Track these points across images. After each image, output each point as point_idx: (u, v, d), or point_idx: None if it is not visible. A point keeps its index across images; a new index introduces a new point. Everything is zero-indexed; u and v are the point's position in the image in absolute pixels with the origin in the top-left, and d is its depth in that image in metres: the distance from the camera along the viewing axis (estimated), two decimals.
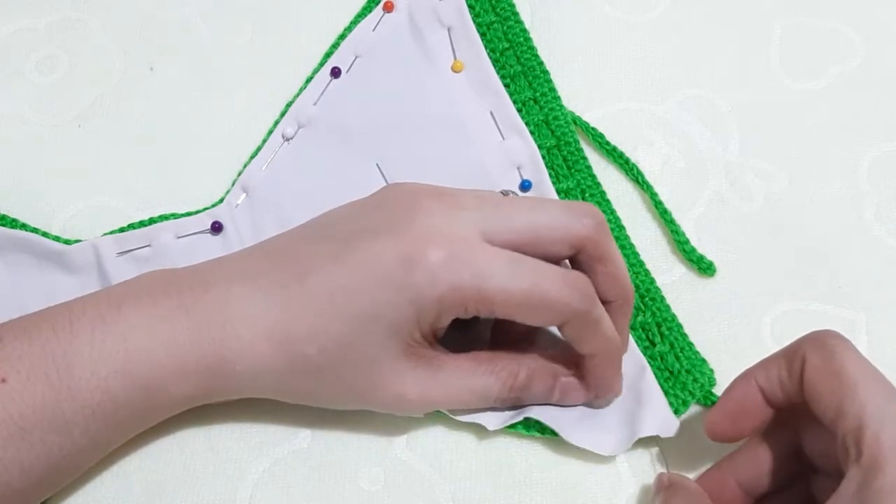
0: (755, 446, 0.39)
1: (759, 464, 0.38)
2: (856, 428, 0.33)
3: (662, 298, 0.45)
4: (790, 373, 0.36)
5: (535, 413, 0.41)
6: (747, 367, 0.38)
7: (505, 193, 0.41)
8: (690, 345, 0.44)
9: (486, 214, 0.38)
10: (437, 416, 0.42)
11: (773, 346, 0.44)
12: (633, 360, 0.43)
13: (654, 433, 0.41)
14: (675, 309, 0.45)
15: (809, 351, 0.36)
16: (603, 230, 0.40)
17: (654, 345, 0.44)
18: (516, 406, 0.42)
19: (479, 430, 0.42)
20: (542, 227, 0.39)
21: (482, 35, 0.52)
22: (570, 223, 0.39)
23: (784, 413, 0.38)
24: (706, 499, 0.37)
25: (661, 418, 0.41)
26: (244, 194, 0.49)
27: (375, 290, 0.37)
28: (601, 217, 0.40)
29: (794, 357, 0.36)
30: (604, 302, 0.41)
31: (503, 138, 0.49)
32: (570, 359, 0.41)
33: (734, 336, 0.45)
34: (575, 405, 0.42)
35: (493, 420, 0.42)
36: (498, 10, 0.53)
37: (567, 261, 0.41)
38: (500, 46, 0.52)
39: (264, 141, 0.50)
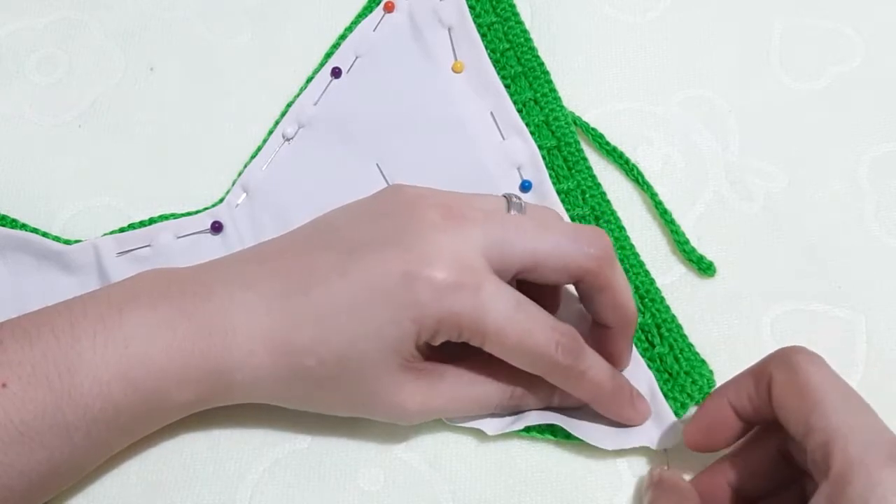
0: (746, 450, 0.39)
1: (750, 467, 0.39)
2: (823, 443, 0.33)
3: (662, 299, 0.45)
4: (758, 390, 0.37)
5: (535, 418, 0.41)
6: (719, 385, 0.39)
7: (508, 198, 0.41)
8: (690, 346, 0.44)
9: (490, 233, 0.38)
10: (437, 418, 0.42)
11: (773, 346, 0.43)
12: (640, 372, 0.43)
13: (661, 446, 0.41)
14: (674, 309, 0.45)
15: (775, 368, 0.36)
16: (605, 262, 0.39)
17: (653, 346, 0.44)
18: (516, 411, 0.42)
19: (480, 431, 0.42)
20: (543, 255, 0.38)
21: (483, 35, 0.52)
22: (572, 254, 0.39)
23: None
24: (696, 498, 0.38)
25: (662, 430, 0.41)
26: (244, 194, 0.49)
27: (379, 306, 0.37)
28: (606, 246, 0.39)
29: (761, 375, 0.37)
30: (603, 326, 0.41)
31: (503, 139, 0.49)
32: None
33: (734, 336, 0.45)
34: (575, 407, 0.42)
35: (492, 425, 0.42)
36: (498, 10, 0.53)
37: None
38: (501, 47, 0.52)
39: (264, 141, 0.50)
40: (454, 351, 0.41)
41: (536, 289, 0.41)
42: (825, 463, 0.33)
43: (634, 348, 0.44)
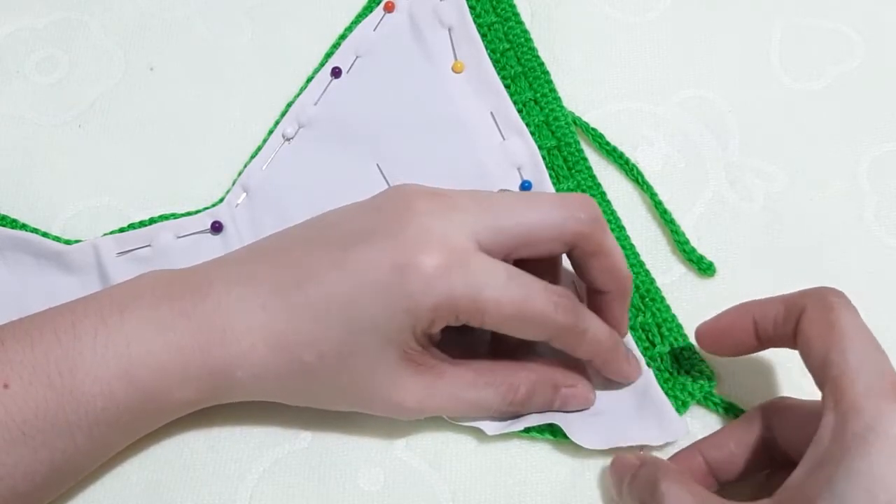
0: (728, 431, 0.40)
1: (729, 447, 0.39)
2: (836, 377, 0.34)
3: (662, 299, 0.45)
4: (786, 318, 0.38)
5: (535, 419, 0.41)
6: (748, 301, 0.40)
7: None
8: (690, 345, 0.44)
9: (479, 216, 0.38)
10: (438, 417, 0.42)
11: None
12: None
13: (660, 441, 0.41)
14: (675, 309, 0.45)
15: (810, 303, 0.37)
16: (597, 225, 0.39)
17: (653, 345, 0.44)
18: (515, 417, 0.42)
19: (480, 431, 0.42)
20: (534, 226, 0.39)
21: (483, 36, 0.52)
22: (563, 220, 0.39)
23: (760, 409, 0.40)
24: (685, 472, 0.39)
25: (659, 425, 0.41)
26: (244, 194, 0.49)
27: (371, 298, 0.37)
28: (595, 210, 0.40)
29: (794, 305, 0.38)
30: (600, 292, 0.41)
31: (503, 139, 0.49)
32: (571, 363, 0.41)
33: None
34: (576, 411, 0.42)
35: (492, 426, 0.42)
36: (499, 10, 0.53)
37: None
38: (501, 47, 0.52)
39: (264, 141, 0.50)
40: (456, 350, 0.41)
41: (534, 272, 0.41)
42: (834, 396, 0.34)
43: (635, 347, 0.44)
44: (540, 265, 0.41)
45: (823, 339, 0.36)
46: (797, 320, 0.37)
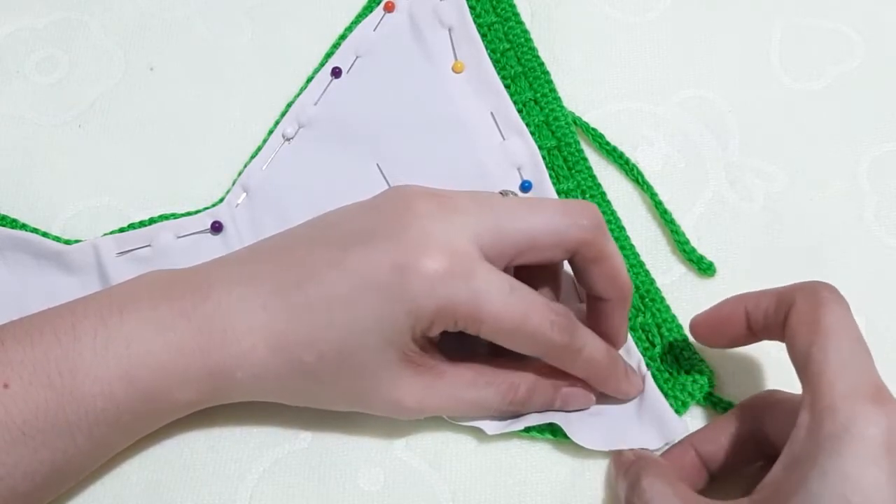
0: (719, 425, 0.40)
1: (720, 441, 0.40)
2: (816, 374, 0.34)
3: (662, 299, 0.45)
4: (777, 311, 0.38)
5: (535, 419, 0.41)
6: (741, 293, 0.40)
7: (504, 193, 0.41)
8: (690, 346, 0.44)
9: (480, 219, 0.38)
10: (438, 417, 0.42)
11: (772, 346, 0.44)
12: (638, 372, 0.43)
13: (660, 444, 0.41)
14: (675, 309, 0.45)
15: (800, 296, 0.37)
16: (599, 232, 0.39)
17: (653, 345, 0.44)
18: (515, 416, 0.42)
19: (480, 431, 0.42)
20: (537, 233, 0.39)
21: (483, 36, 0.52)
22: (566, 228, 0.39)
23: (750, 402, 0.40)
24: (672, 469, 0.39)
25: (659, 427, 0.41)
26: (244, 194, 0.49)
27: (371, 299, 0.37)
28: (598, 217, 0.40)
29: (785, 298, 0.38)
30: (600, 299, 0.41)
31: (504, 139, 0.49)
32: None
33: None
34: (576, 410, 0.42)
35: (492, 425, 0.42)
36: (499, 10, 0.53)
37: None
38: (501, 47, 0.52)
39: (264, 141, 0.50)
40: (455, 350, 0.41)
41: (535, 279, 0.41)
42: (812, 394, 0.34)
43: (635, 347, 0.44)
44: (541, 271, 0.41)
45: (808, 335, 0.36)
46: (786, 313, 0.37)
